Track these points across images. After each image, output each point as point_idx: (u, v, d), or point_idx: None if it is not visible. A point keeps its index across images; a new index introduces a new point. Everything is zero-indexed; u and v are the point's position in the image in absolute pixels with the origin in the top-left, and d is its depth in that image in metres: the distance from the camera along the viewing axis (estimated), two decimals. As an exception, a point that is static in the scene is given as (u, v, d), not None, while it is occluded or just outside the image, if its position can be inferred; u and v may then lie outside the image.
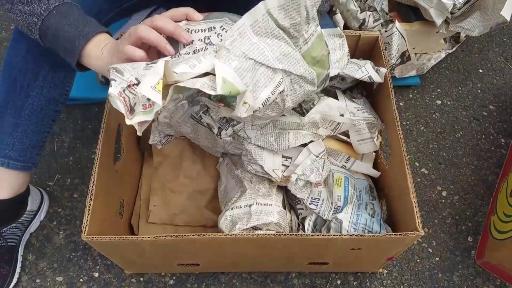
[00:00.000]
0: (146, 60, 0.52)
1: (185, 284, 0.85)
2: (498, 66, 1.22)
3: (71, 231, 0.91)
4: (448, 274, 0.88)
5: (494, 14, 0.98)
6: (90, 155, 1.01)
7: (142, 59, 0.52)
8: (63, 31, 0.58)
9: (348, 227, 0.68)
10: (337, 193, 0.72)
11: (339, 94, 0.81)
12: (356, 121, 0.76)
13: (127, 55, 0.53)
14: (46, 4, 0.58)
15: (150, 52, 0.55)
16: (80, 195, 0.96)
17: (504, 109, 1.13)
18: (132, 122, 0.48)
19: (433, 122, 1.10)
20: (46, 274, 0.86)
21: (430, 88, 1.16)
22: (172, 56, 0.53)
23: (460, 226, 0.94)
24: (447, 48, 1.11)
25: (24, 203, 0.84)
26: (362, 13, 1.03)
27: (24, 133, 0.75)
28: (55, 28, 0.58)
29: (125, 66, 0.51)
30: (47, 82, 0.73)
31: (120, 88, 0.49)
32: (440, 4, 0.95)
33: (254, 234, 0.64)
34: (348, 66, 0.78)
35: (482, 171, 1.02)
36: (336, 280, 0.86)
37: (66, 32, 0.58)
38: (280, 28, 0.51)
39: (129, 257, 0.74)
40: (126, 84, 0.49)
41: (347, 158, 0.77)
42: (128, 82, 0.49)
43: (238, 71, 0.49)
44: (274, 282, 0.86)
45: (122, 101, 0.48)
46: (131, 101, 0.49)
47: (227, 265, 0.83)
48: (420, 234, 0.61)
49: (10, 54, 0.72)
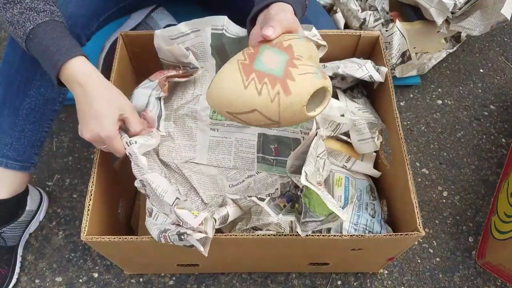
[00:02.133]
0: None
1: (185, 284, 0.85)
2: (499, 66, 1.21)
3: (70, 232, 0.91)
4: (449, 275, 0.88)
5: (495, 13, 0.98)
6: (90, 155, 1.01)
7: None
8: (39, 55, 0.60)
9: (349, 227, 0.68)
10: (338, 193, 0.72)
11: (340, 94, 0.81)
12: (357, 121, 0.75)
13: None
14: (23, 27, 0.59)
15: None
16: (80, 195, 0.95)
17: (505, 109, 1.13)
18: None
19: (433, 122, 1.10)
20: (45, 275, 0.86)
21: (430, 88, 1.16)
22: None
23: (461, 227, 0.94)
24: (447, 47, 1.11)
25: (23, 203, 0.84)
26: (362, 13, 1.02)
27: (22, 132, 0.75)
28: (35, 51, 0.60)
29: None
30: (44, 81, 0.73)
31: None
32: (441, 3, 0.95)
33: (254, 234, 0.64)
34: (348, 65, 0.78)
35: (483, 171, 1.02)
36: (337, 280, 0.86)
37: (41, 57, 0.60)
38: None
39: (129, 258, 0.73)
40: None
41: (348, 158, 0.76)
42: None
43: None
44: (274, 282, 0.85)
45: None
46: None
47: (227, 265, 0.82)
48: (420, 234, 0.60)
49: (8, 53, 0.72)
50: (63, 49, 0.58)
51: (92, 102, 0.58)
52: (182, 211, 0.55)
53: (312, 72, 0.50)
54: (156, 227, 0.59)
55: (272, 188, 0.72)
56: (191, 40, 0.72)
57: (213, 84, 0.51)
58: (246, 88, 0.48)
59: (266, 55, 0.50)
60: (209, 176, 0.75)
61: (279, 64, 0.49)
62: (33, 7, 0.59)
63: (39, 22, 0.58)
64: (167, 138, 0.75)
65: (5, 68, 0.72)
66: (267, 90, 0.47)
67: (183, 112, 0.75)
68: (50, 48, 0.58)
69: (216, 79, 0.51)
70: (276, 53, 0.50)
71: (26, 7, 0.59)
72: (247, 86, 0.48)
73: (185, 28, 0.70)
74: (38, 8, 0.59)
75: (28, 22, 0.58)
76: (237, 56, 0.52)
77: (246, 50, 0.52)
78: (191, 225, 0.54)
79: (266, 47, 0.52)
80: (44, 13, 0.59)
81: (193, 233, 0.54)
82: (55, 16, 0.61)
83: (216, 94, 0.51)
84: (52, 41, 0.58)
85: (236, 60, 0.51)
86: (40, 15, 0.59)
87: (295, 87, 0.48)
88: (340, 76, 0.79)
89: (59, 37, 0.59)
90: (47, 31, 0.59)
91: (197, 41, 0.72)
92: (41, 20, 0.59)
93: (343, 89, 0.83)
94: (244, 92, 0.48)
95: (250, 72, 0.49)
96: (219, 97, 0.50)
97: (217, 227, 0.59)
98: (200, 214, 0.55)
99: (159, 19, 0.95)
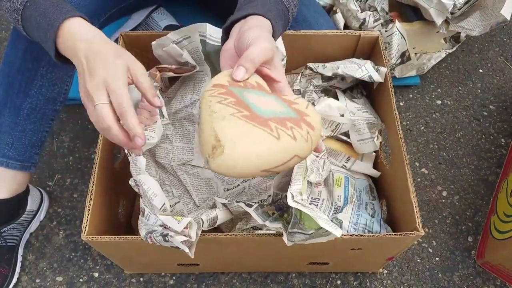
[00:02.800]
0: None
1: (185, 284, 0.85)
2: (498, 66, 1.22)
3: (71, 231, 0.91)
4: (448, 274, 0.88)
5: (494, 13, 0.98)
6: (90, 155, 1.01)
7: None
8: (36, 22, 0.53)
9: (348, 227, 0.68)
10: (337, 193, 0.72)
11: (339, 94, 0.81)
12: (356, 121, 0.76)
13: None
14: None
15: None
16: (80, 195, 0.95)
17: (504, 109, 1.13)
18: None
19: (433, 122, 1.10)
20: (46, 274, 0.86)
21: (430, 88, 1.16)
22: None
23: (460, 226, 0.94)
24: (447, 48, 1.11)
25: (24, 203, 0.84)
26: (362, 13, 1.03)
27: (23, 132, 0.75)
28: (31, 22, 0.53)
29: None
30: (45, 81, 0.73)
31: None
32: (440, 4, 0.95)
33: (254, 234, 0.64)
34: (348, 65, 0.78)
35: (482, 171, 1.02)
36: (336, 280, 0.86)
37: (38, 24, 0.52)
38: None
39: (129, 257, 0.74)
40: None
41: (347, 158, 0.77)
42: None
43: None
44: (274, 282, 0.86)
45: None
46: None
47: (227, 265, 0.82)
48: (420, 234, 0.60)
49: (9, 53, 0.72)
50: (63, 10, 0.51)
51: (95, 67, 0.48)
52: (166, 217, 0.56)
53: (303, 100, 0.48)
54: (145, 227, 0.60)
55: (265, 195, 0.72)
56: (186, 47, 0.72)
57: (227, 156, 0.41)
58: (280, 139, 0.42)
59: (256, 100, 0.45)
60: (205, 179, 0.75)
61: (279, 105, 0.46)
62: None
63: (25, 2, 0.53)
64: (165, 140, 0.76)
65: (5, 68, 0.72)
66: (298, 133, 0.43)
67: (181, 115, 0.76)
68: (47, 11, 0.51)
69: (229, 151, 0.41)
70: (261, 95, 0.46)
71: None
72: (279, 136, 0.42)
73: (176, 36, 0.71)
74: None
75: (15, 11, 0.54)
76: (221, 112, 0.43)
77: (223, 101, 0.44)
78: (175, 230, 0.55)
79: (241, 91, 0.45)
80: None
81: (175, 235, 0.55)
82: None
83: (244, 162, 0.42)
84: (50, 4, 0.52)
85: (231, 117, 0.43)
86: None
87: (312, 120, 0.45)
88: (339, 76, 0.79)
89: (59, 2, 0.53)
90: (34, 8, 0.53)
91: (191, 46, 0.72)
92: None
93: (342, 89, 0.84)
94: (280, 143, 0.42)
95: (264, 122, 0.43)
96: (249, 163, 0.42)
97: (205, 228, 0.59)
98: (183, 220, 0.55)
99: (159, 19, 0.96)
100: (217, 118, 0.42)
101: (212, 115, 0.42)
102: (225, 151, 0.41)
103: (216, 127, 0.42)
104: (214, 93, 0.44)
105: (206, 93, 0.45)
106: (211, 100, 0.43)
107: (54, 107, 0.77)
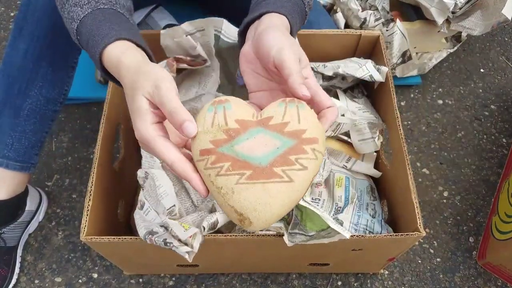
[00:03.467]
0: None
1: (185, 285, 0.85)
2: (500, 66, 1.21)
3: (70, 232, 0.90)
4: (450, 275, 0.88)
5: (496, 13, 0.98)
6: (89, 155, 1.01)
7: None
8: (87, 42, 0.50)
9: (349, 227, 0.68)
10: (338, 193, 0.72)
11: (340, 94, 0.81)
12: (357, 121, 0.75)
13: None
14: (71, 29, 0.51)
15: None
16: (79, 195, 0.95)
17: (505, 109, 1.13)
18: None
19: (434, 122, 1.10)
20: (45, 275, 0.85)
21: (431, 88, 1.16)
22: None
23: (461, 227, 0.94)
24: (448, 47, 1.11)
25: (23, 203, 0.84)
26: (363, 12, 1.02)
27: (23, 133, 0.75)
28: (84, 37, 0.51)
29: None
30: (46, 82, 0.73)
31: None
32: (442, 3, 0.94)
33: (254, 234, 0.64)
34: (349, 65, 0.77)
35: (483, 171, 1.02)
36: (337, 281, 0.86)
37: (89, 43, 0.50)
38: None
39: (128, 258, 0.73)
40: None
41: (348, 158, 0.76)
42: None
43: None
44: (274, 283, 0.85)
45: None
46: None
47: (226, 266, 0.82)
48: (421, 234, 0.60)
49: (9, 53, 0.72)
50: (98, 39, 0.48)
51: (126, 97, 0.45)
52: (174, 222, 0.55)
53: (290, 106, 0.43)
54: (144, 224, 0.58)
55: None
56: (198, 39, 0.72)
57: (256, 223, 0.41)
58: (293, 180, 0.40)
59: (247, 149, 0.41)
60: None
61: (272, 139, 0.42)
62: (78, 1, 0.51)
63: (81, 17, 0.50)
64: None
65: (6, 69, 0.72)
66: (306, 159, 0.41)
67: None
68: (88, 43, 0.49)
69: (256, 220, 0.40)
70: (249, 139, 0.42)
71: (72, 4, 0.51)
72: (291, 178, 0.40)
73: (190, 27, 0.70)
74: (83, 1, 0.51)
75: (73, 21, 0.51)
76: (227, 186, 0.41)
77: (220, 171, 0.41)
78: (180, 238, 0.55)
79: (230, 148, 0.41)
80: (88, 5, 0.51)
81: (180, 245, 0.54)
82: (100, 3, 0.51)
83: (274, 218, 0.41)
84: (90, 35, 0.49)
85: (238, 186, 0.40)
86: (83, 8, 0.51)
87: (311, 131, 0.42)
88: (340, 76, 0.79)
89: (98, 26, 0.49)
90: (88, 24, 0.50)
91: (203, 40, 0.71)
92: (83, 15, 0.50)
93: (343, 89, 0.83)
94: (295, 183, 0.41)
95: (270, 172, 0.41)
96: (278, 214, 0.41)
97: (205, 233, 0.59)
98: (190, 229, 0.55)
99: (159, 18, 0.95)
100: (226, 195, 0.41)
101: (220, 192, 0.41)
102: (252, 221, 0.41)
103: (232, 203, 0.41)
104: (207, 165, 0.41)
105: (200, 165, 0.42)
106: (210, 174, 0.41)
107: (54, 107, 0.77)
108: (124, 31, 0.49)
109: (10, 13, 1.27)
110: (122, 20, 0.51)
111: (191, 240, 0.55)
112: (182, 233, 0.54)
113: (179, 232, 0.55)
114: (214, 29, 0.70)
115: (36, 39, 0.70)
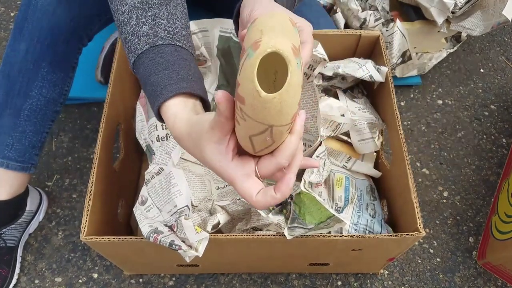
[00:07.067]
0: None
1: (185, 285, 0.85)
2: (500, 66, 1.21)
3: (70, 232, 0.90)
4: (449, 275, 0.88)
5: (496, 13, 0.98)
6: (89, 155, 1.01)
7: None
8: (145, 84, 0.47)
9: (349, 227, 0.68)
10: (338, 193, 0.72)
11: (340, 94, 0.81)
12: (357, 121, 0.75)
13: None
14: (129, 61, 0.48)
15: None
16: (79, 195, 0.95)
17: (505, 109, 1.13)
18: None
19: (434, 122, 1.10)
20: (45, 275, 0.85)
21: (431, 88, 1.16)
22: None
23: (461, 227, 0.94)
24: (448, 47, 1.11)
25: (23, 203, 0.84)
26: (363, 12, 1.02)
27: (23, 133, 0.75)
28: (142, 76, 0.47)
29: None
30: (46, 82, 0.73)
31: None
32: (442, 3, 0.94)
33: (254, 234, 0.64)
34: (349, 65, 0.77)
35: (483, 171, 1.02)
36: (337, 281, 0.86)
37: (147, 87, 0.47)
38: None
39: (128, 258, 0.73)
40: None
41: (348, 158, 0.76)
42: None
43: None
44: (274, 283, 0.85)
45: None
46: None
47: (226, 266, 0.82)
48: (421, 234, 0.60)
49: (9, 54, 0.72)
50: (157, 90, 0.45)
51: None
52: (187, 223, 0.54)
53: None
54: (147, 221, 0.58)
55: None
56: (199, 40, 0.72)
57: None
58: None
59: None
60: (198, 176, 0.74)
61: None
62: (136, 30, 0.46)
63: (139, 53, 0.46)
64: None
65: (6, 69, 0.72)
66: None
67: None
68: (146, 88, 0.46)
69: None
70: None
71: (130, 31, 0.47)
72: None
73: (194, 27, 0.70)
74: (141, 31, 0.46)
75: (130, 53, 0.47)
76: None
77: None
78: (188, 240, 0.54)
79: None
80: (146, 37, 0.46)
81: (188, 249, 0.54)
82: (159, 38, 0.46)
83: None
84: (147, 79, 0.46)
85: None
86: (141, 41, 0.46)
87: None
88: (340, 76, 0.79)
89: (156, 72, 0.45)
90: (146, 64, 0.46)
91: (203, 41, 0.71)
92: (141, 50, 0.46)
93: (343, 89, 0.83)
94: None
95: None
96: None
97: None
98: (201, 233, 0.55)
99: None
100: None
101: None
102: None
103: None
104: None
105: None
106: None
107: (54, 108, 0.77)
108: (182, 82, 0.45)
109: (10, 13, 1.27)
110: (181, 62, 0.46)
111: (197, 244, 0.54)
112: (193, 236, 0.53)
113: (190, 234, 0.53)
114: (224, 30, 0.70)
115: (36, 40, 0.70)
